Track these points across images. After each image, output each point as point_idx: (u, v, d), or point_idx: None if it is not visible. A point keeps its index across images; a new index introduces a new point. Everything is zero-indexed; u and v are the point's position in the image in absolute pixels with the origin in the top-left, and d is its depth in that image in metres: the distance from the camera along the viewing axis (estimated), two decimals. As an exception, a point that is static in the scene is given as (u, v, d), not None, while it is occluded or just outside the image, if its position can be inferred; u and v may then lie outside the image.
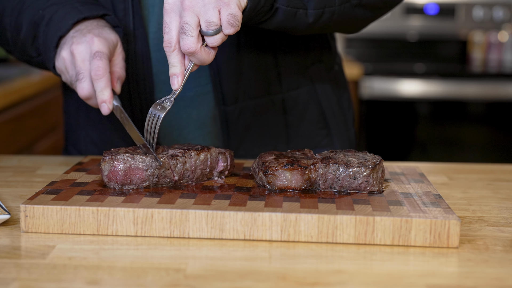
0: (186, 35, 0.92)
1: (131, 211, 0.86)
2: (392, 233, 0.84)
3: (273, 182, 0.96)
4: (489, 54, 3.65)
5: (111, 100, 1.03)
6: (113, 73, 1.08)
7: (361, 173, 0.95)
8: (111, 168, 0.95)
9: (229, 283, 0.73)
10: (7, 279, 0.73)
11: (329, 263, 0.79)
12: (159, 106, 0.98)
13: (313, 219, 0.85)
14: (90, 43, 1.04)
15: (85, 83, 1.04)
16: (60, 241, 0.84)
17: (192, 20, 0.92)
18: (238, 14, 0.93)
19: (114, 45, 1.08)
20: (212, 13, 0.92)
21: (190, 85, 1.21)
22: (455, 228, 0.84)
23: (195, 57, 0.94)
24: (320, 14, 1.08)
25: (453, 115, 3.31)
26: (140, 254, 0.81)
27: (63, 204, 0.87)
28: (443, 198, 0.93)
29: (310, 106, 1.29)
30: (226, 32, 0.93)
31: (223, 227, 0.86)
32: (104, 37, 1.06)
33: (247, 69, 1.22)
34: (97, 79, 1.02)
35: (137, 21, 1.16)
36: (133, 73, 1.18)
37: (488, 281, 0.75)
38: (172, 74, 0.96)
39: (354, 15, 1.14)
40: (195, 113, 1.23)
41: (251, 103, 1.23)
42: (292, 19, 1.06)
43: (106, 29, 1.09)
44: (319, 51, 1.31)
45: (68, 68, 1.07)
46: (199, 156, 1.00)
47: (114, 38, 1.08)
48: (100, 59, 1.03)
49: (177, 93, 0.97)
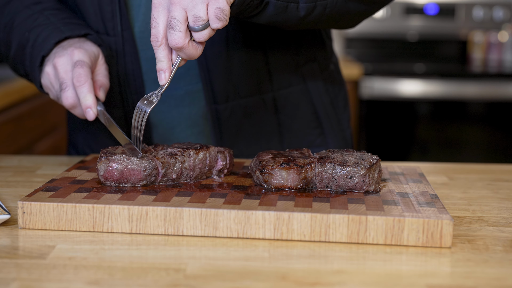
0: (174, 30, 0.91)
1: (126, 208, 0.87)
2: (384, 233, 0.84)
3: (269, 181, 0.96)
4: (489, 54, 3.65)
5: (95, 105, 1.05)
6: (96, 81, 1.10)
7: (357, 172, 0.95)
8: (107, 168, 0.96)
9: (229, 283, 0.73)
10: (7, 279, 0.73)
11: (329, 263, 0.79)
12: (146, 101, 0.98)
13: (306, 218, 0.85)
14: (71, 55, 1.08)
15: (68, 92, 1.07)
16: (60, 241, 0.84)
17: (179, 14, 0.91)
18: (226, 8, 0.92)
19: (95, 56, 1.11)
20: (199, 8, 0.91)
21: (181, 83, 1.21)
22: (447, 228, 0.84)
23: (183, 52, 0.94)
24: (312, 8, 1.07)
25: (453, 115, 3.31)
26: (140, 254, 0.81)
27: (60, 201, 0.88)
28: (439, 198, 0.93)
29: (302, 105, 1.29)
30: (214, 26, 0.93)
31: (217, 225, 0.86)
32: (84, 49, 1.09)
33: (237, 67, 1.21)
34: (79, 85, 1.05)
35: (124, 22, 1.16)
36: (123, 73, 1.20)
37: (488, 281, 0.75)
38: (159, 69, 0.96)
39: (347, 9, 1.12)
40: (187, 112, 1.23)
41: (242, 102, 1.23)
42: (283, 13, 1.04)
43: (87, 43, 1.12)
44: (313, 49, 1.31)
45: (52, 82, 1.10)
46: (198, 155, 1.00)
47: (95, 50, 1.12)
48: (81, 66, 1.05)
49: (164, 88, 0.97)
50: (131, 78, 1.20)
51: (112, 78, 1.20)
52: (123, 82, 1.20)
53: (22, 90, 2.33)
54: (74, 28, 1.14)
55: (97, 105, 1.06)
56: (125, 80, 1.20)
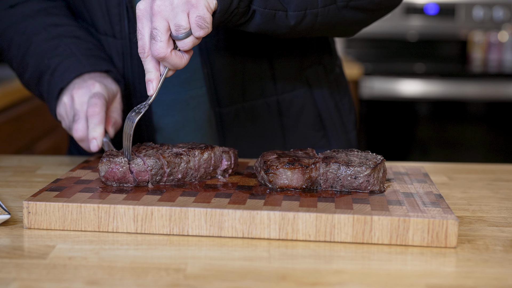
0: (156, 41, 0.92)
1: (131, 208, 0.87)
2: (390, 233, 0.84)
3: (274, 181, 0.96)
4: (489, 54, 3.65)
5: (101, 137, 1.06)
6: (109, 118, 1.12)
7: (362, 172, 0.95)
8: (108, 170, 0.96)
9: (229, 283, 0.73)
10: (7, 279, 0.73)
11: (329, 263, 0.79)
12: (134, 112, 0.99)
13: (311, 217, 0.85)
14: (90, 87, 1.09)
15: (80, 124, 1.08)
16: (60, 241, 0.84)
17: (161, 25, 0.91)
18: (206, 15, 0.92)
19: (113, 93, 1.12)
20: (180, 17, 0.91)
21: (186, 87, 1.21)
22: (453, 228, 0.84)
23: (167, 61, 0.94)
24: (302, 16, 1.05)
25: (453, 115, 3.31)
26: (140, 254, 0.81)
27: (65, 201, 0.88)
28: (443, 198, 0.93)
29: (306, 108, 1.29)
30: (196, 34, 0.92)
31: (222, 225, 0.86)
32: (104, 84, 1.11)
33: (241, 72, 1.21)
34: (92, 115, 1.06)
35: (131, 25, 1.16)
36: (129, 76, 1.20)
37: (488, 281, 0.75)
38: (147, 80, 0.96)
39: (342, 17, 1.10)
40: (191, 116, 1.23)
41: (246, 105, 1.23)
42: (271, 22, 1.03)
43: (108, 79, 1.14)
44: (318, 53, 1.31)
45: (67, 112, 1.11)
46: (203, 155, 1.01)
47: (114, 87, 1.13)
48: (98, 98, 1.07)
49: (152, 98, 0.97)
50: (137, 81, 1.20)
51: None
52: (128, 85, 1.21)
53: (22, 90, 2.33)
54: (96, 64, 1.14)
55: (104, 137, 1.08)
56: (131, 84, 1.20)
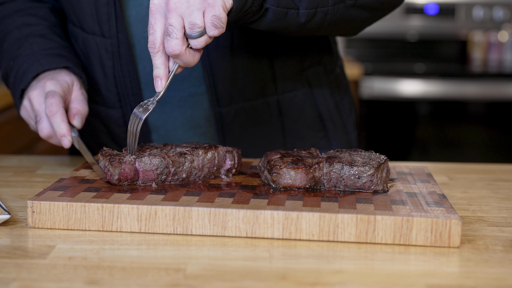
0: (171, 37, 0.91)
1: (135, 207, 0.87)
2: (393, 232, 0.84)
3: (277, 180, 0.96)
4: (489, 54, 3.65)
5: (69, 133, 1.08)
6: (71, 109, 1.13)
7: (365, 172, 0.95)
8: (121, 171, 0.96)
9: (229, 283, 0.73)
10: (7, 279, 0.73)
11: (329, 263, 0.79)
12: (141, 108, 0.99)
13: (314, 217, 0.85)
14: (43, 87, 1.11)
15: (43, 123, 1.10)
16: (61, 241, 0.84)
17: (176, 22, 0.91)
18: (222, 15, 0.91)
19: (68, 84, 1.13)
20: (196, 15, 0.91)
21: (184, 85, 1.21)
22: (456, 228, 0.84)
23: (180, 59, 0.93)
24: (312, 14, 1.06)
25: (453, 115, 3.31)
26: (140, 254, 0.81)
27: (69, 201, 0.89)
28: (447, 198, 0.93)
29: (306, 108, 1.29)
30: (210, 34, 0.92)
31: (225, 225, 0.86)
32: (56, 79, 1.12)
33: (241, 71, 1.21)
34: (51, 115, 1.08)
35: (119, 24, 1.16)
36: (119, 75, 1.20)
37: (488, 281, 0.75)
38: (155, 76, 0.96)
39: (349, 16, 1.11)
40: (189, 114, 1.23)
41: (246, 105, 1.23)
42: (283, 19, 1.04)
43: (61, 73, 1.15)
44: (319, 53, 1.31)
45: (30, 114, 1.14)
46: (206, 154, 1.01)
47: (68, 79, 1.14)
48: (52, 97, 1.08)
49: (161, 95, 0.97)
50: (128, 80, 1.20)
51: (109, 79, 1.20)
52: (119, 83, 1.21)
53: (22, 90, 2.33)
54: (53, 62, 1.16)
55: (72, 132, 1.09)
56: (122, 82, 1.20)
